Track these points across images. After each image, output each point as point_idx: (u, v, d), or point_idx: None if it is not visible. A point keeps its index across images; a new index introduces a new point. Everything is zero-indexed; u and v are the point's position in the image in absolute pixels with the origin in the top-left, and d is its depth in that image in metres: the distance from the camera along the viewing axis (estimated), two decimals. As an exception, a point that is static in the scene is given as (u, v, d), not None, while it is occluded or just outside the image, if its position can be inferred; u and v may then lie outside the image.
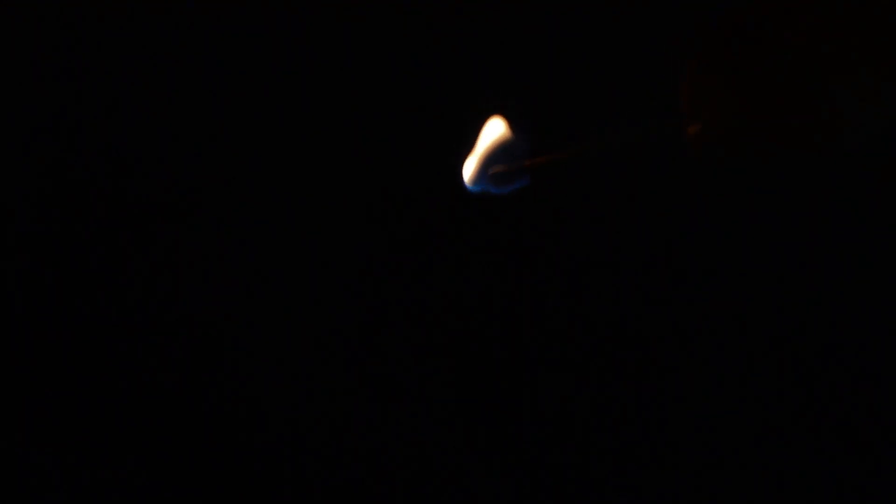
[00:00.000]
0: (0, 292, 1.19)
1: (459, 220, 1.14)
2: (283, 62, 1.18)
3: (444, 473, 1.17)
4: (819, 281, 1.14)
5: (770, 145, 0.61)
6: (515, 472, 1.16)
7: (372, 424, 1.18)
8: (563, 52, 1.14)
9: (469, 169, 0.72)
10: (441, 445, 1.17)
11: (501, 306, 1.17)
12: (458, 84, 1.15)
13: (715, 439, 1.15)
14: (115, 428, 1.18)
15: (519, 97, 0.91)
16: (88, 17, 1.18)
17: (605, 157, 0.67)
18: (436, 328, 1.17)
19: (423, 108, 1.16)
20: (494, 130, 0.72)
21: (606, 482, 1.16)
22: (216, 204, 1.20)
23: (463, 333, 1.17)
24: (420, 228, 1.17)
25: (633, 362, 1.16)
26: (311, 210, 1.18)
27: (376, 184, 1.17)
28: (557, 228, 1.15)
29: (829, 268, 1.13)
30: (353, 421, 1.18)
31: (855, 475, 1.13)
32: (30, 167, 1.19)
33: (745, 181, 1.02)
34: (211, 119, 1.19)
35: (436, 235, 1.16)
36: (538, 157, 0.70)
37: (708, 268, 1.14)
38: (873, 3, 0.58)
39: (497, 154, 0.71)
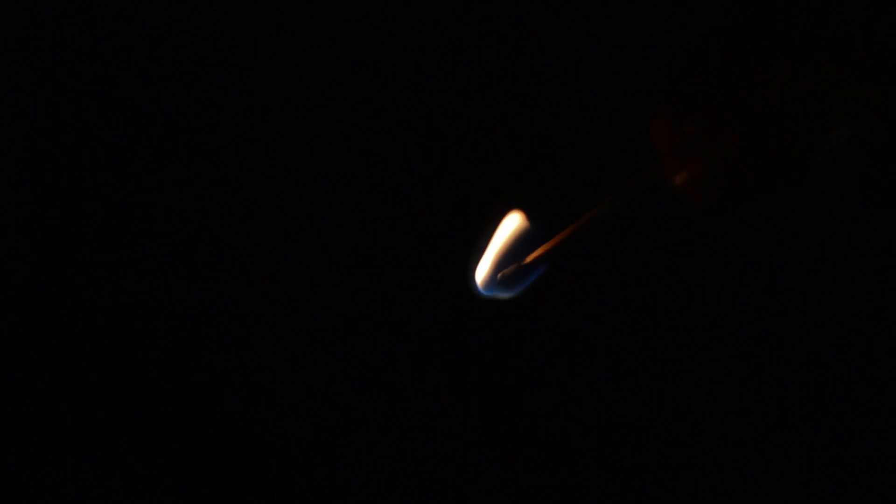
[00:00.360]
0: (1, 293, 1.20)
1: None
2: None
3: (443, 475, 1.18)
4: (802, 284, 1.14)
5: (759, 183, 0.60)
6: (514, 474, 1.17)
7: (371, 426, 1.18)
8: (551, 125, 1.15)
9: (481, 273, 0.71)
10: (440, 447, 1.18)
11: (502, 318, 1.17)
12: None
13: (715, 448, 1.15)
14: (114, 429, 1.18)
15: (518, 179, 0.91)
16: (87, 15, 1.18)
17: (601, 226, 0.67)
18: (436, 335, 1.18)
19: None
20: (508, 228, 0.71)
21: (606, 483, 1.16)
22: (214, 208, 1.20)
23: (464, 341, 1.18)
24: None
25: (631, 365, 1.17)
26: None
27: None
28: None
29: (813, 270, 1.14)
30: (352, 422, 1.19)
31: (854, 475, 1.14)
32: (28, 167, 1.19)
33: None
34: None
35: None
36: (536, 251, 0.69)
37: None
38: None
39: (510, 252, 0.70)
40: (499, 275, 0.70)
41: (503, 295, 0.71)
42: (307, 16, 1.18)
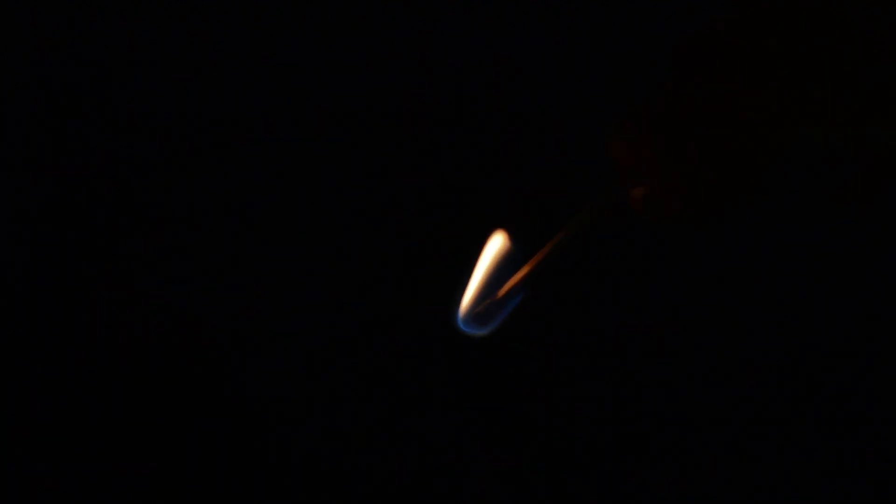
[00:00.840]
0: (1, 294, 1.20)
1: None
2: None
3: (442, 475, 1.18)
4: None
5: (720, 195, 0.60)
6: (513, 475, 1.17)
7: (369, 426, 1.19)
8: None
9: (460, 309, 0.70)
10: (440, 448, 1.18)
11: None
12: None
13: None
14: (113, 430, 1.19)
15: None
16: (87, 15, 1.18)
17: (569, 248, 0.66)
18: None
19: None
20: (486, 259, 0.71)
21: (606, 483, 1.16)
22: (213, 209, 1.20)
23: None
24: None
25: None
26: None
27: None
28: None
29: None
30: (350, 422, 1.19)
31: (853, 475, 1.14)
32: (28, 169, 1.20)
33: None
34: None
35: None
36: (507, 283, 0.69)
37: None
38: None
39: (485, 287, 0.70)
40: (473, 312, 0.70)
41: (479, 332, 0.70)
42: (282, 27, 1.18)
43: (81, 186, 1.20)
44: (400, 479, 1.17)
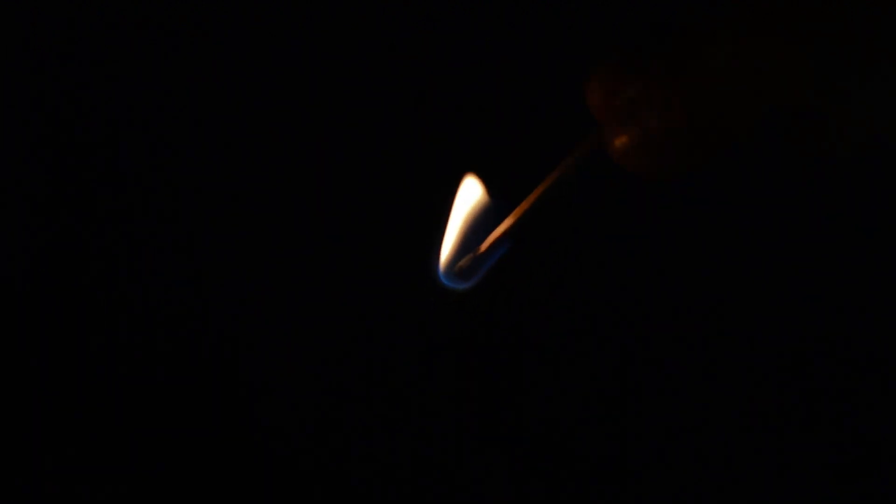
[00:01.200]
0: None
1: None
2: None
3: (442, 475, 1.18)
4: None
5: (697, 149, 0.60)
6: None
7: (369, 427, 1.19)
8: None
9: (440, 263, 0.70)
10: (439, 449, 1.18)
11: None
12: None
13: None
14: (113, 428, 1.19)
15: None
16: (86, 15, 1.19)
17: (553, 200, 0.66)
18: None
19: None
20: (462, 210, 0.70)
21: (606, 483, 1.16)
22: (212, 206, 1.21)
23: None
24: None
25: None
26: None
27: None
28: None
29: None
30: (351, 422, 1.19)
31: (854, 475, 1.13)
32: (26, 166, 1.20)
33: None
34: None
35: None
36: (488, 239, 0.68)
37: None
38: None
39: (466, 239, 0.69)
40: (455, 266, 0.70)
41: (462, 286, 0.70)
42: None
43: (81, 185, 1.21)
44: (397, 473, 1.17)
